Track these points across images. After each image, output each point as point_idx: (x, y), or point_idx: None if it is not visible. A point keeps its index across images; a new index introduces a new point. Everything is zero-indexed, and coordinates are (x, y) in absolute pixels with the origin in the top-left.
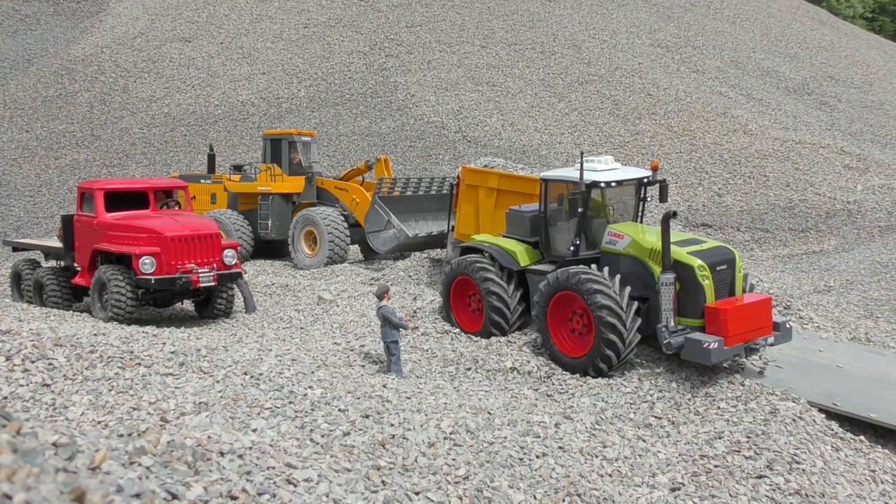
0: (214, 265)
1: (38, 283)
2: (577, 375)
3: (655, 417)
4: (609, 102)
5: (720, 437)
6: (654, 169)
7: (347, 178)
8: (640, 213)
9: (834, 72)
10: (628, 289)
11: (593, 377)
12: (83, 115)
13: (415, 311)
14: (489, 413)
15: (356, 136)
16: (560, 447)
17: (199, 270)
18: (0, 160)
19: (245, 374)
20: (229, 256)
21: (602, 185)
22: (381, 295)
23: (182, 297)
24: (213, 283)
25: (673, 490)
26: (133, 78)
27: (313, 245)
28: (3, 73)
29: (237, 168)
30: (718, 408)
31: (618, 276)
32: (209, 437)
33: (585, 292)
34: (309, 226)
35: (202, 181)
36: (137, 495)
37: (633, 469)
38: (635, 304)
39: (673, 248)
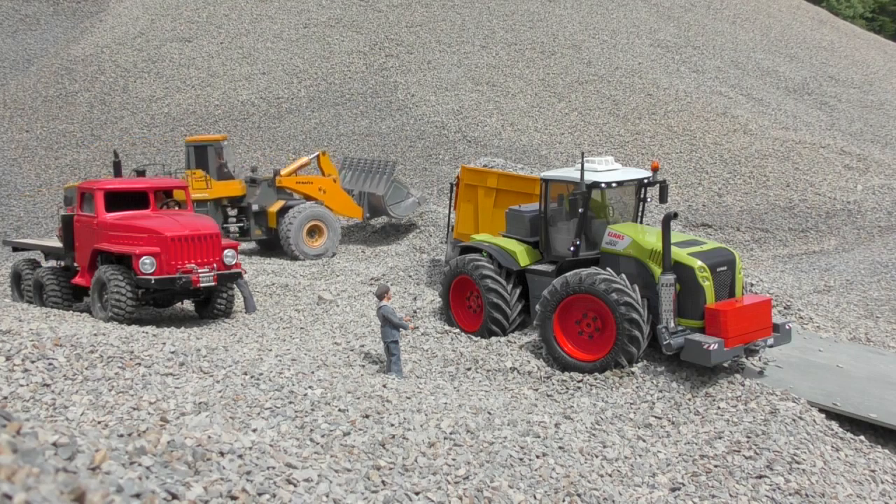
0: (214, 265)
1: (38, 283)
2: (577, 376)
3: (655, 417)
4: (609, 102)
5: (720, 437)
6: (655, 170)
7: (295, 172)
8: (640, 214)
9: (834, 72)
10: (636, 285)
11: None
12: (83, 115)
13: (415, 311)
14: (489, 413)
15: (356, 136)
16: (560, 447)
17: (199, 270)
18: (0, 160)
19: (245, 374)
20: (229, 256)
21: (603, 185)
22: (382, 295)
23: (182, 297)
24: (213, 283)
25: (673, 490)
26: (133, 78)
27: (313, 238)
28: (3, 73)
29: (140, 174)
30: (718, 408)
31: (622, 276)
32: (209, 437)
33: (603, 292)
34: (315, 220)
35: None
36: (137, 495)
37: (633, 469)
38: (646, 300)
39: (673, 249)
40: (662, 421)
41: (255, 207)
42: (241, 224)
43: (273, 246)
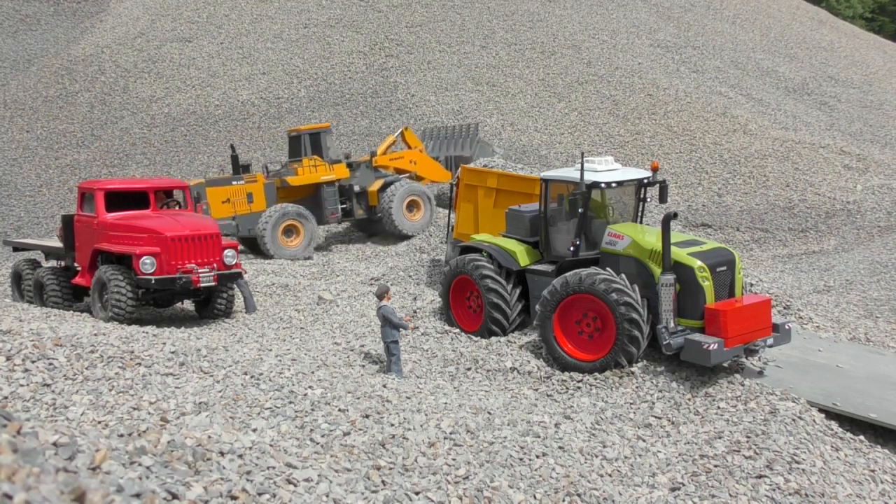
0: (215, 265)
1: (39, 283)
2: (577, 376)
3: (655, 417)
4: (609, 102)
5: (720, 437)
6: (655, 170)
7: (387, 151)
8: (639, 214)
9: (834, 72)
10: (636, 285)
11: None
12: (83, 115)
13: (415, 311)
14: (489, 413)
15: (356, 136)
16: (560, 447)
17: (200, 270)
18: (0, 160)
19: (245, 374)
20: (229, 256)
21: (602, 185)
22: (382, 295)
23: (182, 297)
24: (213, 283)
25: (673, 490)
26: (133, 78)
27: (412, 213)
28: (4, 73)
29: (246, 168)
30: (718, 408)
31: (622, 276)
32: (209, 437)
33: (603, 292)
34: (413, 195)
35: (234, 182)
36: (137, 495)
37: (633, 469)
38: (646, 300)
39: (673, 248)
40: (662, 421)
41: (356, 188)
42: (344, 205)
43: (370, 227)
